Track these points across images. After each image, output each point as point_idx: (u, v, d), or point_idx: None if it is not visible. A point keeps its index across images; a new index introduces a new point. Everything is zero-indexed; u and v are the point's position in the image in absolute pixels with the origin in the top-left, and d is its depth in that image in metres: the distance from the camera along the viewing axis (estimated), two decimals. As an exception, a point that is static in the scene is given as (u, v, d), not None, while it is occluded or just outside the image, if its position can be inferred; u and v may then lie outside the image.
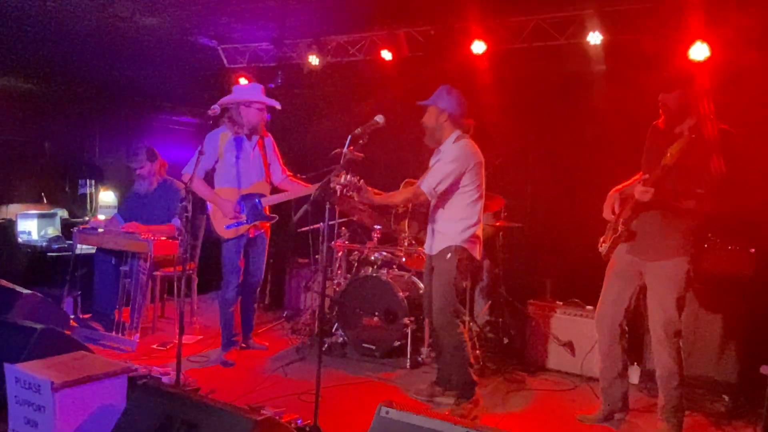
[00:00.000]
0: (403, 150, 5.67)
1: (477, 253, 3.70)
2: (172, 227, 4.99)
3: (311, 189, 3.91)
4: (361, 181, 3.52)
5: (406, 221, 4.67)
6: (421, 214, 3.95)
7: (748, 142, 3.31)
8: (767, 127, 4.23)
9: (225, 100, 4.39)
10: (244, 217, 4.34)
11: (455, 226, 3.64)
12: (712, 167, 3.05)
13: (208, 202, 4.46)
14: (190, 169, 4.22)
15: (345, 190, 3.47)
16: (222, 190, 4.40)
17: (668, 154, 3.02)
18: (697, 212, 3.15)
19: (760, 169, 4.00)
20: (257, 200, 4.36)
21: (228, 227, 4.34)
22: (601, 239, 3.53)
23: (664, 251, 3.22)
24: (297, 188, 4.53)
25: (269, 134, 4.64)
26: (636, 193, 3.17)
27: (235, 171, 4.37)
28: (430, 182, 3.58)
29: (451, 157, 3.60)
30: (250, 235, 4.45)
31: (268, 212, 4.51)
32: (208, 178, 4.47)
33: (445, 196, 3.63)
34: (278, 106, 4.50)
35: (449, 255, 3.62)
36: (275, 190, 4.63)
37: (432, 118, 3.71)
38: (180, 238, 4.80)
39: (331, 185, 3.30)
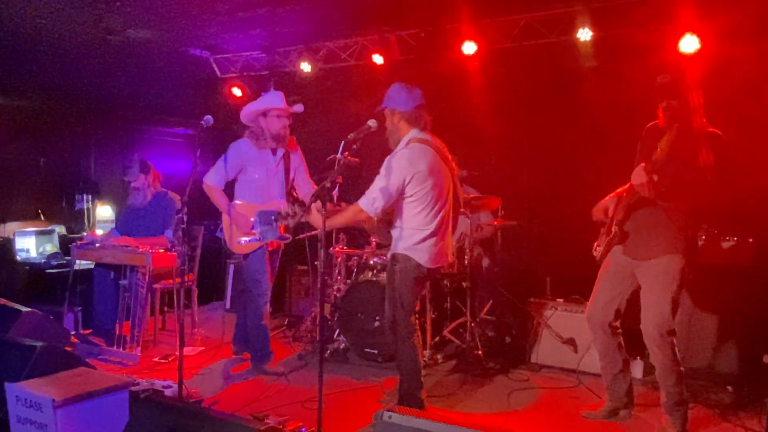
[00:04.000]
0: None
1: (426, 260, 3.43)
2: (164, 239, 4.98)
3: (336, 219, 3.55)
4: (312, 206, 3.36)
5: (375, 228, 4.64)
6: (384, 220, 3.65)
7: (739, 134, 3.32)
8: (758, 118, 4.25)
9: (243, 114, 4.26)
10: (257, 234, 4.20)
11: (402, 233, 3.46)
12: (701, 163, 3.05)
13: (222, 216, 4.38)
14: (211, 180, 4.24)
15: (291, 222, 3.46)
16: (239, 204, 4.31)
17: (658, 149, 3.03)
18: (688, 208, 3.14)
19: (753, 160, 4.01)
20: (272, 218, 4.15)
21: (240, 242, 4.26)
22: (595, 244, 3.53)
23: (656, 249, 3.22)
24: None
25: (298, 147, 4.47)
26: (634, 179, 3.13)
27: (255, 186, 4.27)
28: (368, 199, 3.37)
29: (386, 171, 3.37)
30: (269, 248, 4.34)
31: (282, 231, 4.33)
32: (229, 188, 4.38)
33: (394, 204, 3.44)
34: (300, 110, 4.29)
35: (393, 263, 3.51)
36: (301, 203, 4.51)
37: (389, 122, 3.51)
38: (177, 249, 4.81)
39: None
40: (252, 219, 4.24)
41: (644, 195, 3.13)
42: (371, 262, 4.93)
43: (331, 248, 5.19)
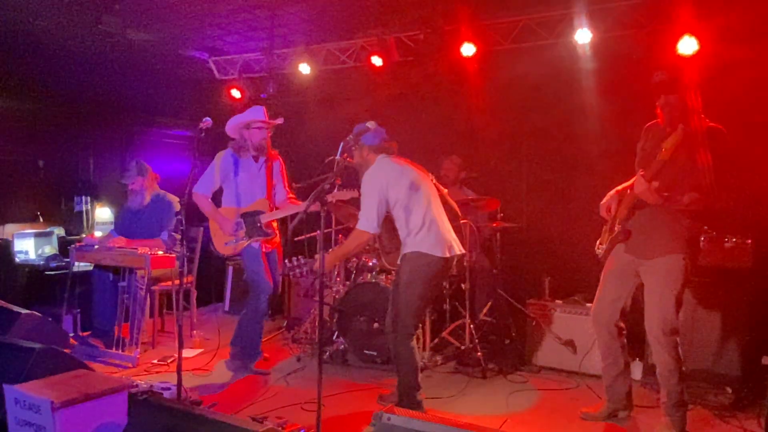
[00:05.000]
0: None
1: (441, 250, 3.55)
2: (159, 242, 4.98)
3: (340, 250, 3.86)
4: (316, 256, 3.46)
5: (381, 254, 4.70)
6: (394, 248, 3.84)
7: (738, 135, 3.32)
8: (757, 119, 4.25)
9: (228, 127, 4.45)
10: (242, 234, 4.37)
11: (406, 239, 3.60)
12: (701, 162, 3.06)
13: (209, 221, 4.49)
14: (199, 188, 4.41)
15: (299, 272, 3.53)
16: (225, 209, 4.47)
17: (663, 149, 3.02)
18: (694, 208, 3.15)
19: (752, 161, 4.01)
20: (257, 217, 4.38)
21: (227, 244, 4.40)
22: (598, 242, 3.53)
23: (660, 248, 3.23)
24: (293, 207, 4.52)
25: (279, 158, 4.64)
26: (636, 187, 3.17)
27: (239, 191, 4.43)
28: (362, 220, 3.54)
29: (365, 191, 3.58)
30: (264, 250, 4.45)
31: (268, 229, 4.45)
32: (217, 196, 4.53)
33: (389, 220, 3.62)
34: (280, 122, 4.49)
35: (401, 265, 3.61)
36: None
37: (357, 157, 3.70)
38: (176, 251, 4.81)
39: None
40: (237, 221, 4.38)
41: (647, 201, 3.14)
42: (370, 264, 4.92)
43: (330, 250, 5.17)
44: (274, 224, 4.53)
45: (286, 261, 3.59)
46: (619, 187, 3.48)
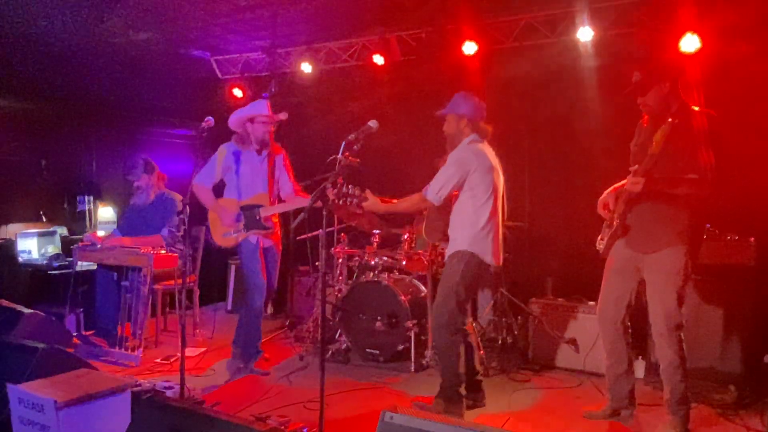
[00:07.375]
0: (397, 153, 5.68)
1: (490, 258, 3.61)
2: (159, 238, 4.99)
3: (398, 205, 3.83)
4: (367, 190, 3.54)
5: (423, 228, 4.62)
6: (440, 221, 3.84)
7: (740, 133, 3.32)
8: (759, 116, 4.24)
9: (231, 121, 4.46)
10: (241, 226, 4.38)
11: (464, 231, 3.60)
12: (699, 152, 3.06)
13: (208, 212, 4.52)
14: (198, 179, 4.41)
15: (349, 201, 3.49)
16: (225, 200, 4.49)
17: (653, 143, 3.03)
18: (691, 198, 3.14)
19: (754, 158, 4.01)
20: (256, 210, 4.38)
21: (225, 235, 4.43)
22: (599, 237, 3.53)
23: (660, 242, 3.22)
24: (297, 200, 4.52)
25: (282, 150, 4.65)
26: (627, 185, 3.19)
27: (241, 183, 4.45)
28: (433, 187, 3.58)
29: (452, 160, 3.59)
30: (262, 246, 4.47)
31: (267, 223, 4.46)
32: (218, 189, 4.54)
33: (454, 201, 3.63)
34: (283, 118, 4.49)
35: (455, 260, 3.60)
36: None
37: (452, 126, 3.72)
38: (175, 249, 4.83)
39: (330, 195, 3.33)
40: (237, 213, 4.39)
41: (647, 190, 3.13)
42: (372, 262, 4.93)
43: (332, 249, 5.19)
44: (274, 219, 4.52)
45: (344, 188, 3.52)
46: (618, 185, 3.48)
